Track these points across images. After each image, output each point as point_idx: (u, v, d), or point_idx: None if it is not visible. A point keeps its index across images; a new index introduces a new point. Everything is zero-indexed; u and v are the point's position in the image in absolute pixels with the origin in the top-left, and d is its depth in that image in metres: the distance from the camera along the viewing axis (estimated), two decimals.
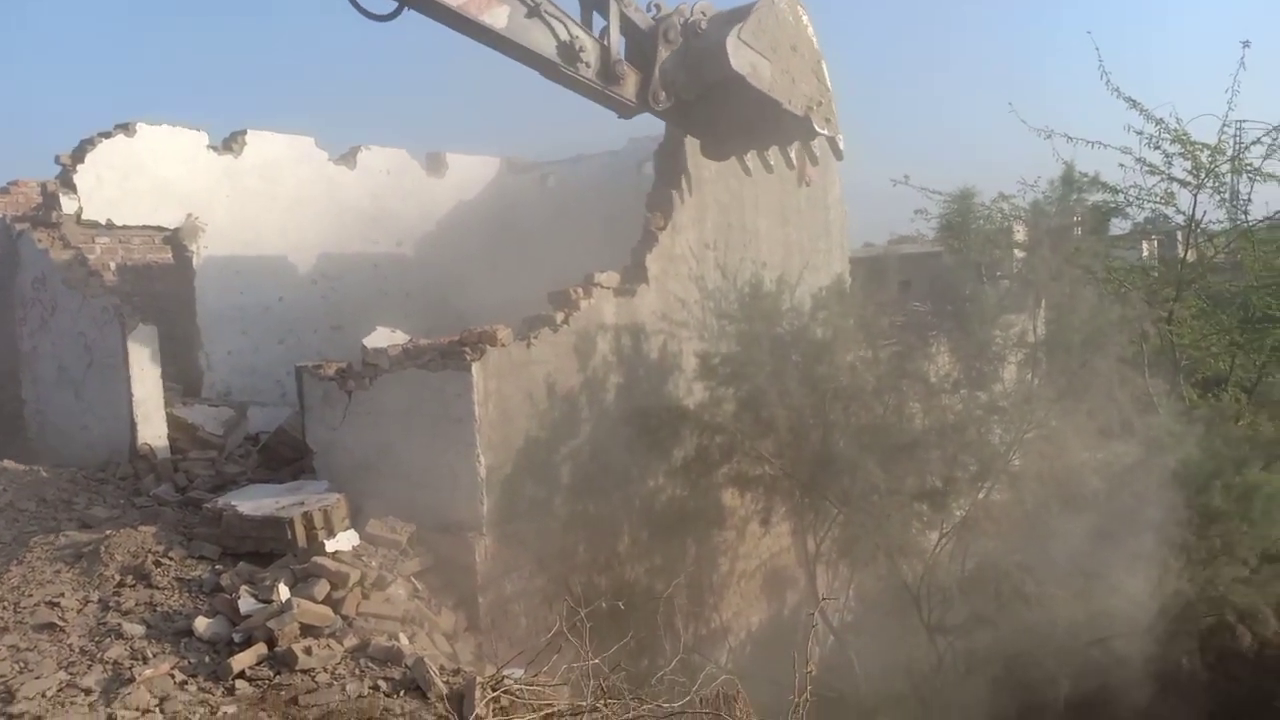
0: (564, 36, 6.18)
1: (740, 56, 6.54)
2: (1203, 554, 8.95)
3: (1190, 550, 8.89)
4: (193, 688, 5.19)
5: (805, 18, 7.17)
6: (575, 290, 7.92)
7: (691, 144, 8.49)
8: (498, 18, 5.86)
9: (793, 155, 7.72)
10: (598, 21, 6.46)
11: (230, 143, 11.61)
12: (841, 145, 7.66)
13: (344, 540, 6.66)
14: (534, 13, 6.04)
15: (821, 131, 7.29)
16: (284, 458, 8.43)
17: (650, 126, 8.00)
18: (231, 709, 4.99)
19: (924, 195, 15.27)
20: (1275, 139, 12.79)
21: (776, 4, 6.87)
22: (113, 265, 10.52)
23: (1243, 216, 13.95)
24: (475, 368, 6.91)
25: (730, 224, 9.72)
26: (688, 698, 5.10)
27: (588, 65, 6.31)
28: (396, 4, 5.67)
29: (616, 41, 6.46)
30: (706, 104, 6.94)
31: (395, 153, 13.66)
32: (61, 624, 5.68)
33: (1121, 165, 13.85)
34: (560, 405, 7.75)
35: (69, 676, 5.16)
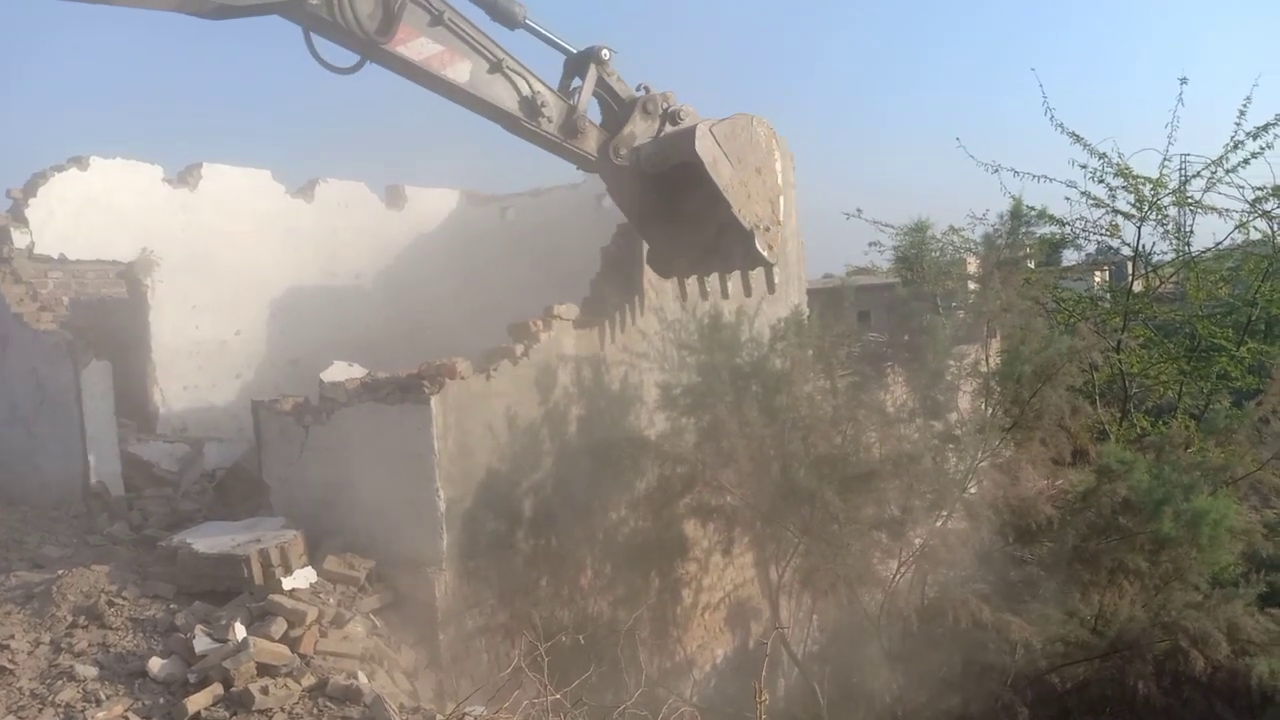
0: (525, 92, 6.33)
1: (705, 144, 6.80)
2: (1155, 580, 9.11)
3: (1143, 576, 9.05)
4: None
5: (777, 153, 7.46)
6: (535, 322, 7.93)
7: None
8: (460, 73, 5.98)
9: (729, 284, 7.96)
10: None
11: (186, 176, 11.54)
12: (776, 278, 7.91)
13: (301, 578, 6.58)
14: (496, 68, 6.19)
15: (763, 253, 7.46)
16: (240, 494, 8.33)
17: None
18: None
19: (877, 229, 15.60)
20: (1214, 172, 13.24)
21: (754, 126, 7.19)
22: (66, 300, 10.39)
23: (1186, 248, 14.38)
24: (434, 401, 6.88)
25: None
26: None
27: (549, 120, 6.49)
28: (360, 57, 5.74)
29: (585, 102, 6.65)
30: (662, 188, 7.10)
31: (353, 185, 13.64)
32: (11, 667, 5.55)
33: (1067, 199, 14.27)
34: (521, 438, 7.73)
35: None
